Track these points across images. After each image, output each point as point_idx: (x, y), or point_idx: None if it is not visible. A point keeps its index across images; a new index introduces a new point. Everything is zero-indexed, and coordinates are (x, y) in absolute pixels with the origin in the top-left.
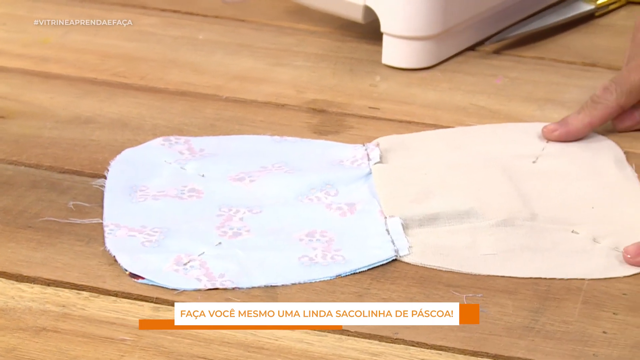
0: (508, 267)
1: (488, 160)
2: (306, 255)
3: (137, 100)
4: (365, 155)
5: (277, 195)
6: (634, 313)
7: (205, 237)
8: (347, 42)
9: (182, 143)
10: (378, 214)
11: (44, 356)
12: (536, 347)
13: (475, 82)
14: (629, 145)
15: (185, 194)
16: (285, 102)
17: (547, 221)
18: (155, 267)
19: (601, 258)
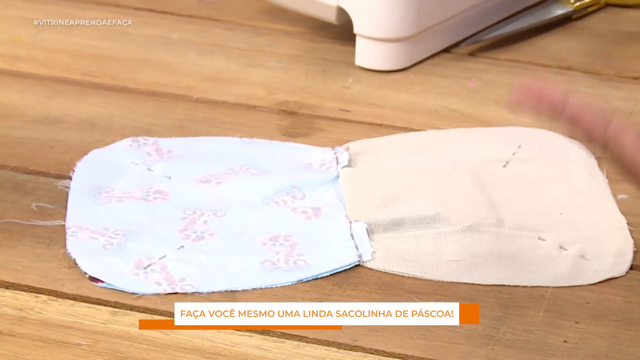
0: (471, 274)
1: (457, 165)
2: (268, 259)
3: (107, 100)
4: (334, 159)
5: (243, 198)
6: (596, 322)
7: (168, 240)
8: (321, 43)
9: (151, 144)
10: (343, 219)
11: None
12: (496, 356)
13: (448, 84)
14: (601, 151)
15: (151, 195)
16: (256, 104)
17: (513, 227)
18: (115, 270)
19: (566, 266)
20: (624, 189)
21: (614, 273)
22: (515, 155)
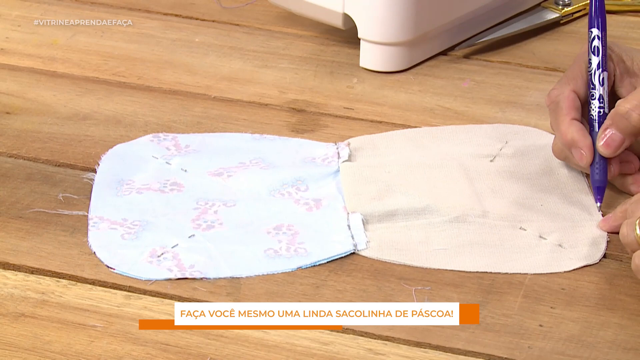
0: (457, 262)
1: (448, 160)
2: (271, 247)
3: (132, 99)
4: (336, 154)
5: (251, 190)
6: (570, 307)
7: (180, 229)
8: (330, 46)
9: (170, 139)
10: (342, 210)
11: (19, 341)
12: (476, 338)
13: (443, 85)
14: None
15: (168, 187)
16: (268, 102)
17: (497, 218)
18: (131, 260)
19: (545, 254)
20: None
21: (588, 261)
22: (502, 151)
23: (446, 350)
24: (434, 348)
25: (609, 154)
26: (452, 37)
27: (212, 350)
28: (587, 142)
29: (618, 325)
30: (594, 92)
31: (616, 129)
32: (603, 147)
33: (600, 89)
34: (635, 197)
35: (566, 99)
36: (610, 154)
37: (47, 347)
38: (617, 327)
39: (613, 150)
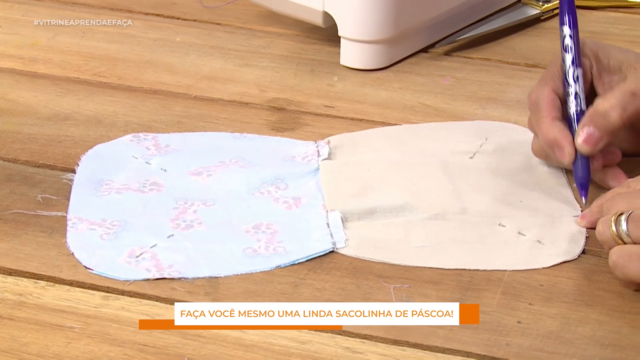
0: (435, 259)
1: (428, 157)
2: (250, 246)
3: (113, 99)
4: (316, 152)
5: (231, 189)
6: (548, 304)
7: (159, 229)
8: (311, 44)
9: (150, 139)
10: (321, 208)
11: None
12: (454, 336)
13: (424, 82)
14: None
15: (147, 187)
16: (249, 101)
17: (476, 215)
18: (109, 260)
19: (524, 250)
20: None
21: (567, 257)
22: (482, 147)
23: (424, 348)
24: (412, 346)
25: (588, 151)
26: (432, 34)
27: (190, 350)
28: (569, 140)
29: (596, 321)
30: (570, 89)
31: (595, 127)
32: (582, 145)
33: (575, 86)
34: (610, 193)
35: (546, 98)
36: (589, 152)
37: (24, 348)
38: (596, 323)
39: (592, 148)
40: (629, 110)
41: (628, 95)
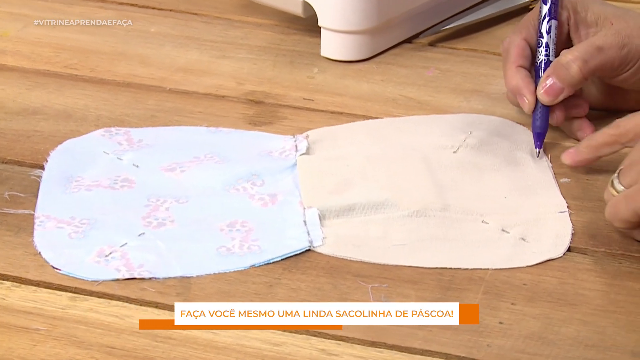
0: (416, 258)
1: (409, 151)
2: (224, 245)
3: (84, 92)
4: (294, 147)
5: (205, 186)
6: (531, 304)
7: (130, 227)
8: (290, 35)
9: (122, 134)
10: (298, 205)
11: None
12: (433, 337)
13: (407, 74)
14: (546, 137)
15: (118, 184)
16: (225, 94)
17: (459, 211)
18: (77, 260)
19: (507, 248)
20: (567, 173)
21: (551, 255)
22: (466, 142)
23: (402, 350)
24: (389, 348)
25: (548, 102)
26: (416, 24)
27: (159, 353)
28: (530, 89)
29: (580, 322)
30: (541, 40)
31: (556, 78)
32: (542, 95)
33: (546, 37)
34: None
35: (515, 47)
36: (549, 102)
37: None
38: (580, 323)
39: (552, 99)
40: (591, 64)
41: (593, 48)
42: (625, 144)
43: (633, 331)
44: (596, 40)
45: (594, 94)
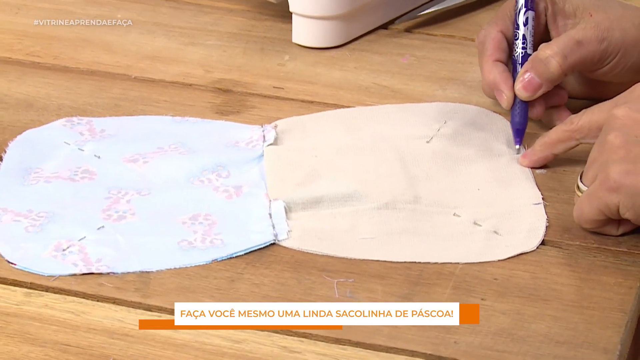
0: (384, 252)
1: (381, 142)
2: (186, 239)
3: (46, 80)
4: (262, 137)
5: (168, 177)
6: (502, 299)
7: (89, 220)
8: (262, 20)
9: (84, 124)
10: (263, 197)
11: None
12: (398, 334)
13: (381, 61)
14: None
15: (78, 175)
16: (192, 82)
17: (430, 204)
18: (33, 254)
19: (479, 242)
20: None
21: (524, 248)
22: (440, 131)
23: (367, 347)
24: (353, 345)
25: (527, 97)
26: (392, 9)
27: (116, 350)
28: (508, 84)
29: (552, 317)
30: (518, 32)
31: (535, 73)
32: (520, 90)
33: (523, 29)
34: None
35: (492, 40)
36: (527, 98)
37: None
38: (551, 319)
39: (530, 94)
40: (571, 60)
41: (572, 43)
42: (580, 140)
43: (606, 327)
44: (575, 34)
45: (572, 84)
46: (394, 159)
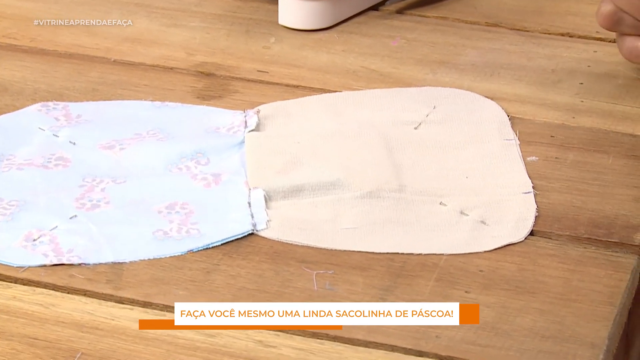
0: (366, 242)
1: (367, 128)
2: (161, 229)
3: (22, 64)
4: (243, 123)
5: (146, 165)
6: (486, 291)
7: (62, 209)
8: (248, 1)
9: (60, 109)
10: (243, 185)
11: None
12: (377, 328)
13: (371, 44)
14: (515, 110)
15: (52, 162)
16: (174, 65)
17: (415, 193)
18: (3, 244)
19: (465, 232)
20: (535, 151)
21: (512, 239)
22: (429, 117)
23: (345, 342)
24: (331, 339)
25: None
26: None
27: (85, 344)
28: None
29: (538, 311)
30: None
31: None
32: None
33: None
34: None
35: None
36: None
37: None
38: (537, 312)
39: None
40: None
41: None
42: None
43: (594, 321)
44: None
45: None
46: (380, 146)
